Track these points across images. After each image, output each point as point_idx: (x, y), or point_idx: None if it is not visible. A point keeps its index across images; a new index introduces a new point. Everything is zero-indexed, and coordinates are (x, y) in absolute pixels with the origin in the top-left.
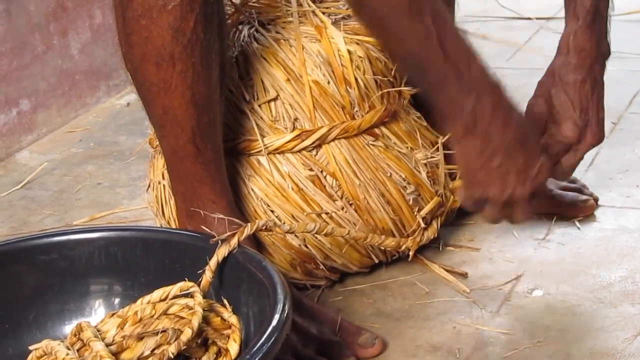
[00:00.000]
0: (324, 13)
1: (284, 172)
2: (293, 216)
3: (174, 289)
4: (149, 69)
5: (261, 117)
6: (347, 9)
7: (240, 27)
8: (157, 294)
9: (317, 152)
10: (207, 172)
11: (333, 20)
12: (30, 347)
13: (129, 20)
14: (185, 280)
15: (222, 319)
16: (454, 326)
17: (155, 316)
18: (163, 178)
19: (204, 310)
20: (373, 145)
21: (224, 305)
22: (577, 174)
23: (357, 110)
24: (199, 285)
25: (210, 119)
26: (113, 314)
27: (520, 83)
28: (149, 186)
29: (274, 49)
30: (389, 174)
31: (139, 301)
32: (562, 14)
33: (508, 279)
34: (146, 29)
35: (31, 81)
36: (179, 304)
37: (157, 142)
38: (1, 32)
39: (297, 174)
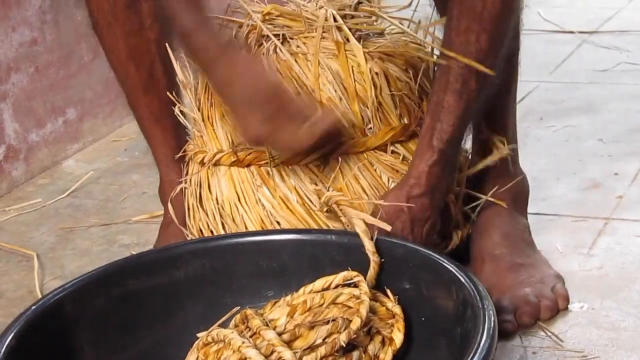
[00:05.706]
0: (351, 30)
1: (290, 185)
2: None
3: (337, 278)
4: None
5: None
6: (378, 26)
7: (262, 41)
8: (319, 283)
9: (324, 167)
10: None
11: (359, 36)
12: (198, 335)
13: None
14: (348, 270)
15: (387, 308)
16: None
17: (324, 305)
18: (190, 183)
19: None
20: (385, 161)
21: (387, 295)
22: (620, 189)
23: (370, 128)
24: (366, 272)
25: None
26: (275, 302)
27: (563, 97)
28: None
29: (289, 63)
30: None
31: (302, 290)
32: (605, 27)
33: None
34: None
35: (78, 90)
36: (346, 294)
37: (190, 149)
38: (49, 41)
39: (303, 187)
